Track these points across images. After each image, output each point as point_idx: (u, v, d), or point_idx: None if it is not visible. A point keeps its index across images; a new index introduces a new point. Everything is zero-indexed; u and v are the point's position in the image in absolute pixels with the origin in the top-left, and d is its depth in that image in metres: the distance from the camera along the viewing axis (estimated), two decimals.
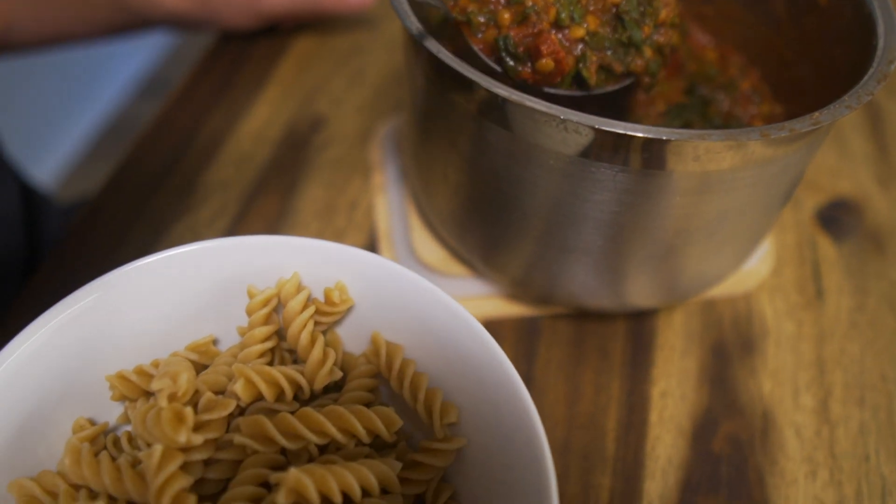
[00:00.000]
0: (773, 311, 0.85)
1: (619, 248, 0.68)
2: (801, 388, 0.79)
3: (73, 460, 0.54)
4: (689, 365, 0.80)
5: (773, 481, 0.72)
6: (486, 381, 0.57)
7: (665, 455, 0.74)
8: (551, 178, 0.64)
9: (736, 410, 0.77)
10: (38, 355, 0.57)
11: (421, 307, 0.60)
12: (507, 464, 0.55)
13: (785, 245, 0.91)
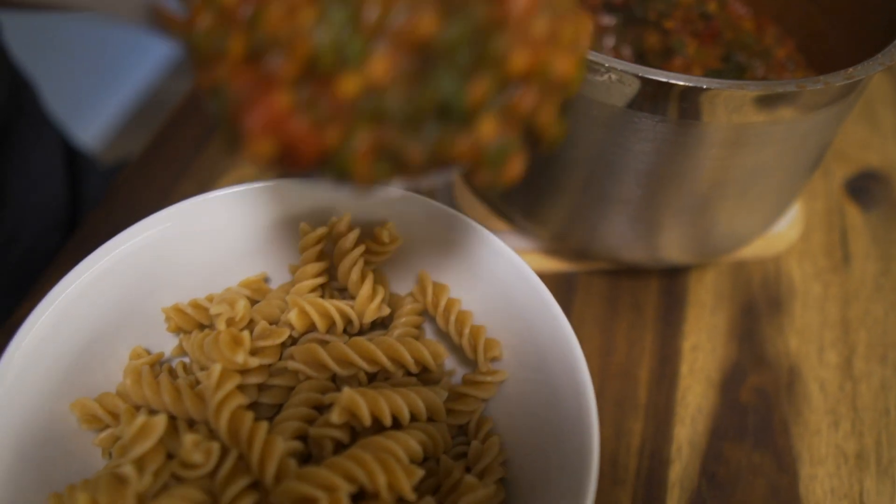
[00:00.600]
0: (801, 274, 0.87)
1: (656, 198, 0.70)
2: (826, 346, 0.81)
3: (133, 381, 0.57)
4: (718, 321, 0.83)
5: (797, 431, 0.75)
6: (530, 319, 0.60)
7: (695, 403, 0.76)
8: (594, 128, 0.66)
9: (763, 364, 0.79)
10: (99, 283, 0.60)
11: (467, 247, 0.63)
12: (548, 400, 0.58)
13: (814, 212, 0.93)
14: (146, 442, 0.51)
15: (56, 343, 0.57)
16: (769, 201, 0.76)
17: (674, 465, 0.72)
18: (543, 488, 0.55)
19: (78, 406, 0.58)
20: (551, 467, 0.55)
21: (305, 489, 0.48)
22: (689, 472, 0.72)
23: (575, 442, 0.53)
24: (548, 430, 0.57)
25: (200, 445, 0.51)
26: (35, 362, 0.56)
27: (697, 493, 0.71)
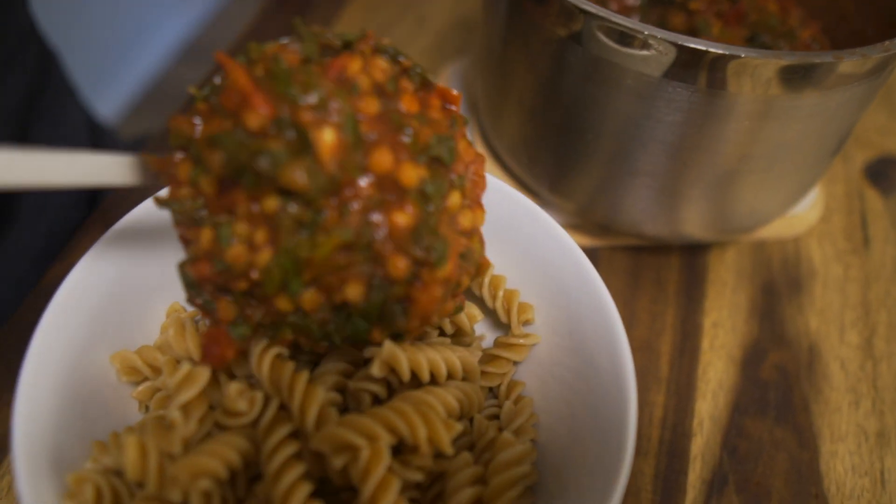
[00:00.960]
0: (821, 255, 0.88)
1: (682, 171, 0.71)
2: (846, 326, 0.82)
3: (177, 332, 0.58)
4: (739, 299, 0.84)
5: (817, 408, 0.76)
6: (564, 284, 0.61)
7: (716, 379, 0.77)
8: (627, 98, 0.67)
9: (784, 343, 0.80)
10: (138, 238, 0.61)
11: (501, 210, 0.64)
12: (582, 366, 0.59)
13: (834, 195, 0.94)
14: (191, 389, 0.52)
15: (95, 296, 0.58)
16: (792, 180, 0.77)
17: (695, 438, 0.73)
18: (577, 455, 0.56)
19: (118, 358, 0.59)
20: (585, 434, 0.55)
21: (347, 435, 0.49)
22: (710, 446, 0.73)
23: (611, 409, 0.54)
24: (581, 397, 0.58)
25: (244, 394, 0.52)
26: (75, 314, 0.56)
27: (719, 466, 0.72)
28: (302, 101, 0.43)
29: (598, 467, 0.52)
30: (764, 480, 0.71)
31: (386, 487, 0.48)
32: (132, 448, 0.48)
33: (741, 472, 0.71)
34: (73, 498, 0.50)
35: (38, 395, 0.52)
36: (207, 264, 0.48)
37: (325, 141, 0.43)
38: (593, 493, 0.51)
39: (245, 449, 0.51)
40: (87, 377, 0.58)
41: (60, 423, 0.54)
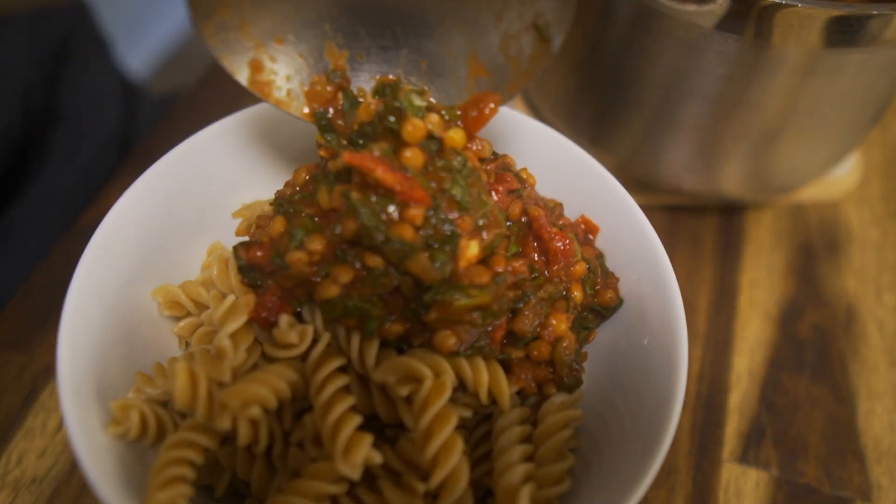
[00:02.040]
0: (859, 219, 0.87)
1: (727, 126, 0.70)
2: (884, 288, 0.81)
3: (220, 269, 0.57)
4: (776, 259, 0.83)
5: (855, 367, 0.75)
6: (615, 223, 0.60)
7: (753, 335, 0.77)
8: (677, 50, 0.66)
9: (821, 302, 0.80)
10: (179, 176, 0.60)
11: (551, 157, 0.63)
12: (632, 320, 0.58)
13: (873, 161, 0.93)
14: (239, 319, 0.51)
15: (135, 234, 0.57)
16: (833, 141, 0.76)
17: (733, 393, 0.73)
18: (623, 404, 0.55)
19: (161, 291, 0.58)
20: (632, 384, 0.55)
21: (416, 365, 0.48)
22: (748, 400, 0.72)
23: (660, 360, 0.53)
24: (630, 346, 0.57)
25: (295, 327, 0.51)
26: (116, 251, 0.56)
27: (757, 419, 0.71)
28: (463, 205, 0.48)
29: (644, 417, 0.52)
30: (801, 435, 0.71)
31: (444, 419, 0.47)
32: (182, 374, 0.48)
33: (778, 427, 0.71)
34: (118, 424, 0.49)
35: (81, 328, 0.52)
36: (263, 252, 0.51)
37: (471, 252, 0.47)
38: (639, 441, 0.50)
39: (294, 381, 0.50)
40: (128, 313, 0.57)
41: (103, 355, 0.53)
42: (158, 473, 0.47)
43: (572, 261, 0.55)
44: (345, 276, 0.49)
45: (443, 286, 0.48)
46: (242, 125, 0.62)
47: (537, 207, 0.58)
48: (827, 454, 0.70)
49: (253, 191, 0.65)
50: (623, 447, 0.52)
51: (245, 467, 0.51)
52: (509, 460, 0.50)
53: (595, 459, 0.54)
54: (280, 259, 0.50)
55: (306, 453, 0.50)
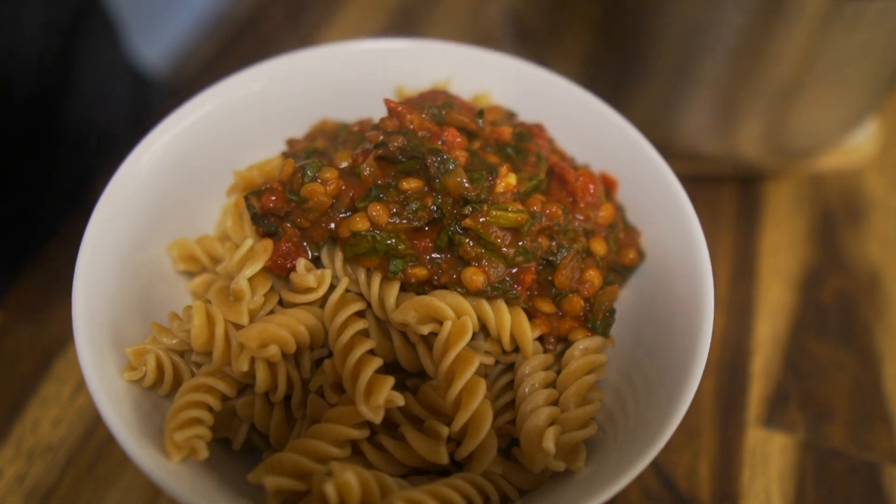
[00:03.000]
0: (880, 187, 0.86)
1: (745, 81, 0.69)
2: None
3: (235, 221, 0.56)
4: (797, 226, 0.82)
5: (880, 332, 0.74)
6: (635, 174, 0.59)
7: (775, 301, 0.75)
8: (695, 2, 0.65)
9: (843, 268, 0.78)
10: (193, 131, 0.59)
11: (569, 111, 0.62)
12: (657, 276, 0.57)
13: (893, 129, 0.92)
14: (256, 263, 0.50)
15: (150, 187, 0.56)
16: (852, 99, 0.74)
17: (756, 357, 0.71)
18: (647, 360, 0.54)
19: (177, 246, 0.57)
20: (656, 341, 0.53)
21: (437, 304, 0.47)
22: (772, 365, 0.71)
23: (687, 303, 0.52)
24: (655, 303, 0.56)
25: (312, 271, 0.51)
26: (128, 206, 0.55)
27: (782, 383, 0.70)
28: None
29: (669, 366, 0.51)
30: (827, 399, 0.69)
31: (466, 361, 0.46)
32: (199, 314, 0.47)
33: (804, 391, 0.69)
34: (133, 370, 0.48)
35: (95, 280, 0.51)
36: (277, 197, 0.51)
37: (509, 180, 0.51)
38: (663, 392, 0.49)
39: (312, 325, 0.49)
40: (142, 268, 0.56)
41: (118, 307, 0.52)
42: (175, 415, 0.46)
43: (598, 201, 0.54)
44: (378, 211, 0.49)
45: (482, 203, 0.49)
46: (257, 78, 0.62)
47: (553, 154, 0.57)
48: (854, 418, 0.68)
49: (268, 148, 0.64)
50: (648, 398, 0.51)
51: (263, 417, 0.50)
52: (534, 404, 0.49)
53: (620, 411, 0.53)
54: (295, 195, 0.49)
55: (326, 400, 0.49)
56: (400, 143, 0.50)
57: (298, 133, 0.63)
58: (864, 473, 0.65)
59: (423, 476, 0.49)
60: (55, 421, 0.65)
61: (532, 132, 0.58)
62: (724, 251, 0.79)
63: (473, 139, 0.55)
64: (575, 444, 0.48)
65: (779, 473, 0.64)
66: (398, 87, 0.64)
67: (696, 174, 0.83)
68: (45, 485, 0.62)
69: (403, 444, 0.48)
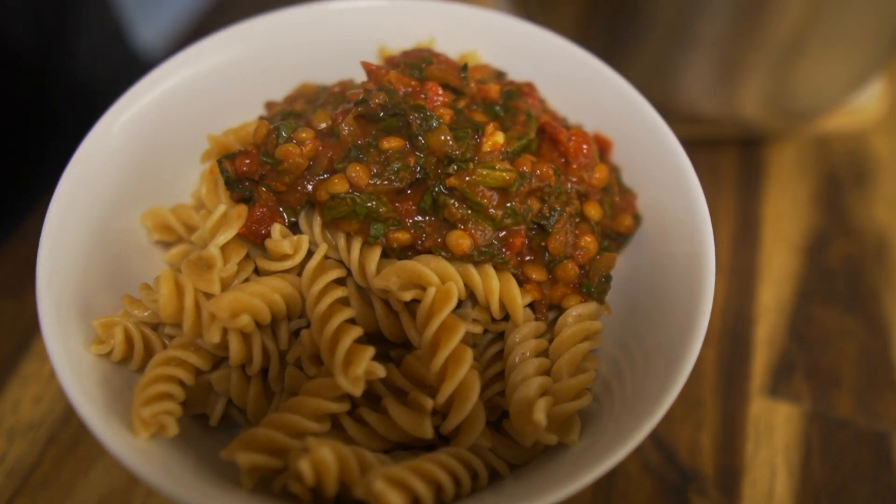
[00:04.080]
0: (887, 148, 0.83)
1: (746, 38, 0.66)
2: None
3: (209, 187, 0.54)
4: (801, 190, 0.79)
5: (888, 299, 0.71)
6: (631, 133, 0.56)
7: (779, 267, 0.73)
8: None
9: (850, 232, 0.76)
10: (168, 98, 0.57)
11: (561, 69, 0.59)
12: (657, 240, 0.54)
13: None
14: (230, 230, 0.48)
15: (123, 152, 0.54)
16: (857, 56, 0.71)
17: (760, 325, 0.69)
18: (645, 329, 0.51)
19: (150, 215, 0.55)
20: (654, 309, 0.51)
21: (420, 269, 0.45)
22: (777, 333, 0.68)
23: (686, 267, 0.49)
24: (654, 269, 0.53)
25: (289, 237, 0.48)
26: (101, 170, 0.52)
27: (787, 352, 0.67)
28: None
29: (668, 332, 0.48)
30: (834, 368, 0.66)
31: (451, 329, 0.44)
32: (166, 283, 0.44)
33: (810, 359, 0.67)
34: (101, 343, 0.46)
35: (62, 249, 0.48)
36: (251, 160, 0.48)
37: (496, 139, 0.47)
38: (661, 360, 0.47)
39: (288, 293, 0.47)
40: (114, 238, 0.54)
41: (87, 278, 0.50)
42: (143, 390, 0.43)
43: (592, 162, 0.51)
44: (357, 171, 0.46)
45: (467, 161, 0.47)
46: (234, 40, 0.59)
47: (545, 114, 0.54)
48: (861, 387, 0.65)
49: (248, 114, 0.61)
50: (646, 368, 0.48)
51: (240, 391, 0.48)
52: (524, 374, 0.46)
53: (616, 382, 0.50)
54: (270, 157, 0.47)
55: (304, 373, 0.47)
56: (381, 100, 0.47)
57: (279, 97, 0.60)
58: (873, 443, 0.62)
59: (409, 452, 0.46)
60: (36, 398, 0.63)
61: (522, 91, 0.55)
62: (727, 216, 0.76)
63: (459, 97, 0.52)
64: (568, 416, 0.46)
65: (784, 444, 0.62)
66: (381, 46, 0.61)
67: (697, 138, 0.80)
68: (27, 464, 0.60)
69: (386, 417, 0.45)
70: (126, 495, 0.58)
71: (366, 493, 0.39)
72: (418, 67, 0.51)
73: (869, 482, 0.60)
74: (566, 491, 0.39)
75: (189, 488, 0.40)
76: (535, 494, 0.40)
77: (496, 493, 0.43)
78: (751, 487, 0.60)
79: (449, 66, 0.53)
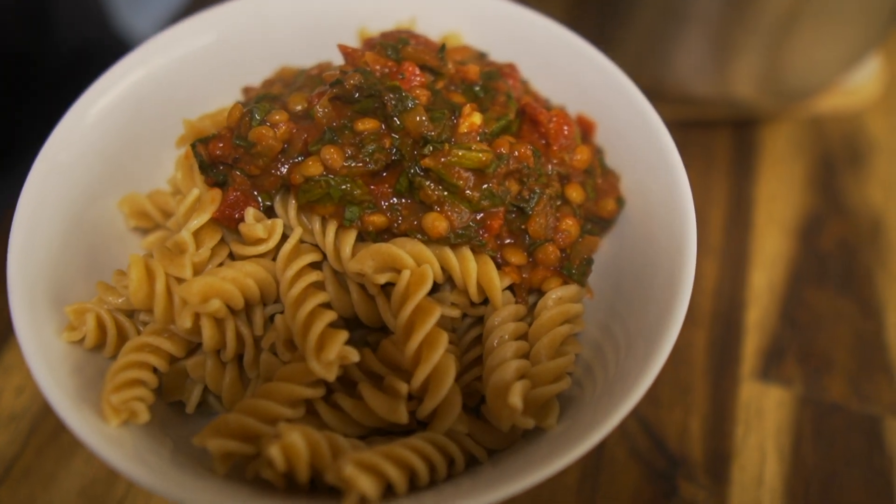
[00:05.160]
0: (885, 129, 0.82)
1: (739, 15, 0.65)
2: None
3: (185, 173, 0.53)
4: (795, 171, 0.78)
5: (882, 280, 0.70)
6: (614, 115, 0.55)
7: (772, 250, 0.71)
8: None
9: (844, 214, 0.74)
10: (142, 84, 0.56)
11: (545, 50, 0.58)
12: (638, 222, 0.53)
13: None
14: (203, 214, 0.47)
15: (102, 139, 0.53)
16: (852, 33, 0.70)
17: (752, 309, 0.68)
18: (626, 310, 0.50)
19: (127, 201, 0.54)
20: (636, 291, 0.50)
21: (395, 251, 0.44)
22: (768, 316, 0.67)
23: (668, 247, 0.48)
24: (635, 249, 0.52)
25: (262, 221, 0.47)
26: (80, 156, 0.52)
27: (778, 336, 0.66)
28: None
29: (649, 313, 0.47)
30: (826, 351, 0.65)
31: (426, 312, 0.43)
32: (136, 268, 0.44)
33: (802, 343, 0.66)
34: (73, 329, 0.45)
35: (37, 236, 0.47)
36: (224, 143, 0.47)
37: (473, 119, 0.47)
38: (642, 342, 0.46)
39: (262, 278, 0.46)
40: (91, 225, 0.53)
41: (62, 264, 0.49)
42: (115, 376, 0.43)
43: (573, 144, 0.50)
44: (332, 154, 0.45)
45: (443, 142, 0.46)
46: (211, 25, 0.58)
47: (525, 95, 0.53)
48: (854, 370, 0.65)
49: (226, 99, 0.60)
50: (627, 351, 0.47)
51: (215, 378, 0.47)
52: (501, 357, 0.45)
53: (599, 366, 0.49)
54: (243, 140, 0.46)
55: (279, 358, 0.46)
56: (356, 81, 0.46)
57: (257, 82, 0.60)
58: (865, 427, 0.61)
59: (385, 438, 0.46)
60: (18, 389, 0.63)
61: (502, 72, 0.54)
62: (719, 198, 0.75)
63: (437, 78, 0.51)
64: (546, 400, 0.45)
65: (775, 429, 0.61)
66: (360, 29, 0.60)
67: (689, 119, 0.79)
68: (8, 455, 0.59)
69: (361, 403, 0.45)
70: (108, 485, 0.58)
71: (336, 478, 0.39)
72: (395, 48, 0.50)
73: (861, 467, 0.59)
74: (541, 474, 0.38)
75: (159, 475, 0.39)
76: (510, 478, 0.39)
77: (473, 478, 0.43)
78: (740, 472, 0.59)
79: (427, 46, 0.52)
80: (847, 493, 0.58)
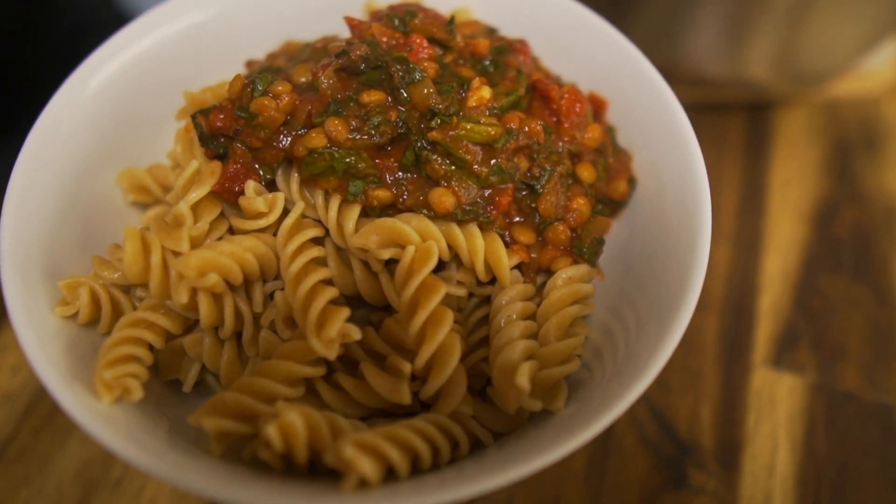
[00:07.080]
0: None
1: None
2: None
3: (184, 146, 0.51)
4: (810, 156, 0.76)
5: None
6: (627, 91, 0.53)
7: (786, 236, 0.70)
8: None
9: (860, 200, 0.73)
10: (143, 56, 0.55)
11: (556, 25, 0.56)
12: (652, 203, 0.51)
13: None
14: (203, 187, 0.45)
15: (101, 111, 0.52)
16: (869, 14, 0.68)
17: (764, 295, 0.66)
18: (637, 294, 0.49)
19: (126, 175, 0.52)
20: (647, 274, 0.48)
21: (401, 227, 0.42)
22: (781, 303, 0.66)
23: (681, 226, 0.47)
24: (646, 224, 0.51)
25: (263, 194, 0.46)
26: (78, 128, 0.50)
27: (792, 323, 0.65)
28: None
29: (661, 294, 0.45)
30: (840, 339, 0.64)
31: (431, 290, 0.41)
32: (131, 240, 0.42)
33: (815, 331, 0.64)
34: (66, 304, 0.44)
35: (31, 209, 0.46)
36: (225, 115, 0.46)
37: (482, 93, 0.46)
38: (653, 325, 0.44)
39: (262, 253, 0.45)
40: (89, 199, 0.52)
41: (59, 240, 0.48)
42: (108, 352, 0.41)
43: (585, 121, 0.48)
44: (336, 126, 0.44)
45: (451, 116, 0.44)
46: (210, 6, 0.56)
47: (536, 71, 0.52)
48: (868, 359, 0.63)
49: (229, 73, 0.58)
50: (638, 334, 0.45)
51: (213, 356, 0.46)
52: (508, 336, 0.44)
53: (608, 348, 0.48)
54: (245, 112, 0.44)
55: (279, 336, 0.45)
56: (363, 52, 0.45)
57: (261, 56, 0.58)
58: (880, 417, 0.60)
59: (388, 419, 0.44)
60: (14, 368, 0.62)
61: (513, 47, 0.52)
62: (732, 183, 0.73)
63: (446, 52, 0.49)
64: (554, 382, 0.43)
65: (787, 417, 0.60)
66: (367, 2, 0.58)
67: (703, 102, 0.78)
68: (3, 435, 0.58)
69: (363, 383, 0.43)
70: (104, 466, 0.56)
71: (336, 459, 0.37)
72: (403, 21, 0.48)
73: (875, 456, 0.58)
74: (548, 458, 0.37)
75: (153, 455, 0.38)
76: (516, 462, 0.37)
77: (478, 462, 0.41)
78: (751, 461, 0.57)
79: (436, 19, 0.51)
80: (860, 483, 0.57)
